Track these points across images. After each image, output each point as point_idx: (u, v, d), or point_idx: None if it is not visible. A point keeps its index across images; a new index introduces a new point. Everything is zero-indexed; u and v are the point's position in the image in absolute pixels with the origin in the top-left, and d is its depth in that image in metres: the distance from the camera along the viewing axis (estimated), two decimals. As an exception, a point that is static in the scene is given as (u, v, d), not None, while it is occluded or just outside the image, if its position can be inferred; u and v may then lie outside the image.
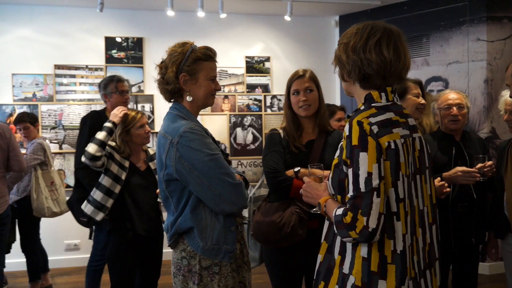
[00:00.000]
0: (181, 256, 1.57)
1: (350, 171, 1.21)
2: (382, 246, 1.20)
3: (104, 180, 2.37)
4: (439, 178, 2.08)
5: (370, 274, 1.20)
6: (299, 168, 1.89)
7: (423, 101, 2.22)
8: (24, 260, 3.56)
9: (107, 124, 2.42)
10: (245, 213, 2.19)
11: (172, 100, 1.66)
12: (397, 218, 1.21)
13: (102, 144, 2.34)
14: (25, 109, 4.30)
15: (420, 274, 1.28)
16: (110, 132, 2.39)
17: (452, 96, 2.34)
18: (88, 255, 3.06)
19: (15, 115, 4.11)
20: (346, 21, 4.83)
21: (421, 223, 1.30)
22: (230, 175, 1.53)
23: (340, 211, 1.22)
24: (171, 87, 1.58)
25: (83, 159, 2.36)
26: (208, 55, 1.63)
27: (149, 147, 2.64)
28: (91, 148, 2.32)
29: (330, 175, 1.34)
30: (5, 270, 3.13)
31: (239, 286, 1.63)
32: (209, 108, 4.60)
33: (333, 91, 4.92)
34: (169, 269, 1.92)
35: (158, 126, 3.30)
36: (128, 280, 2.41)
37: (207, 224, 1.53)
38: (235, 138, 4.80)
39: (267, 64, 4.88)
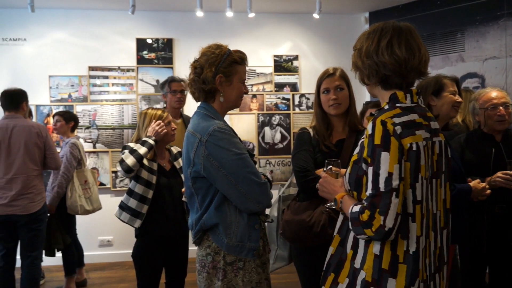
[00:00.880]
0: (205, 253, 1.60)
1: (370, 170, 1.22)
2: (395, 246, 1.22)
3: (137, 188, 2.38)
4: (478, 180, 2.02)
5: (380, 271, 1.22)
6: (330, 167, 1.87)
7: (459, 99, 2.15)
8: (60, 255, 3.70)
9: (150, 141, 2.40)
10: (269, 211, 2.20)
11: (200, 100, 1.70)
12: (412, 220, 1.23)
13: (140, 159, 2.34)
14: (61, 109, 4.46)
15: (430, 277, 1.29)
16: (150, 148, 2.39)
17: (495, 94, 2.25)
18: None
19: (51, 115, 4.27)
20: (376, 18, 4.73)
21: (434, 226, 1.31)
22: (256, 174, 1.56)
23: (356, 208, 1.23)
24: (208, 87, 1.60)
25: (118, 167, 2.36)
26: (242, 58, 1.69)
27: (171, 146, 2.64)
28: (130, 160, 2.31)
29: (348, 171, 1.35)
30: (42, 264, 3.26)
31: (266, 282, 1.65)
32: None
33: (363, 89, 4.82)
34: (195, 267, 1.94)
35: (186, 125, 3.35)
36: (153, 279, 2.45)
37: (231, 221, 1.56)
38: (263, 137, 4.81)
39: (295, 63, 4.85)
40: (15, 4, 4.27)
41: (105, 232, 4.57)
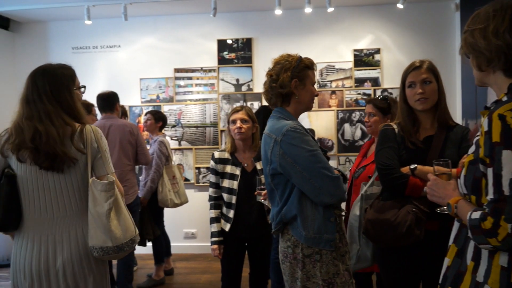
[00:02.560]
0: (286, 245, 1.73)
1: (489, 171, 1.08)
2: None
3: (223, 196, 2.54)
4: None
5: (510, 285, 1.06)
6: (415, 165, 1.77)
7: None
8: (150, 244, 3.99)
9: (215, 239, 2.54)
10: (351, 210, 2.13)
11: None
12: None
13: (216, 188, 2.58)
14: (150, 109, 4.80)
15: None
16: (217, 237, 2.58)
17: None
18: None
19: (142, 115, 4.62)
20: (469, 4, 4.33)
21: None
22: (328, 169, 1.65)
23: (476, 214, 1.09)
24: (285, 91, 1.75)
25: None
26: (312, 63, 1.83)
27: None
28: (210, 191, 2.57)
29: (463, 173, 1.22)
30: (135, 253, 3.54)
31: (346, 273, 1.69)
32: (316, 104, 4.57)
33: (453, 84, 4.48)
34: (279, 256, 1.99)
35: (266, 123, 3.40)
36: (234, 277, 2.53)
37: (308, 214, 1.67)
38: (342, 134, 4.69)
39: (377, 57, 4.65)
40: (110, 14, 4.68)
41: (189, 225, 4.83)
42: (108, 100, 3.39)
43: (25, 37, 5.01)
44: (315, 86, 1.86)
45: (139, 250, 3.94)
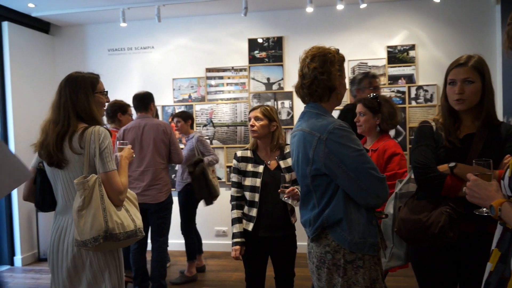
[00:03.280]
0: (324, 251, 1.62)
1: None
2: None
3: (245, 194, 2.52)
4: None
5: None
6: (454, 163, 1.69)
7: None
8: (183, 241, 4.06)
9: (237, 240, 2.50)
10: (385, 208, 2.08)
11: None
12: None
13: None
14: (183, 109, 4.89)
15: None
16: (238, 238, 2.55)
17: None
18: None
19: (170, 118, 4.71)
20: (510, -4, 4.14)
21: None
22: (376, 170, 1.57)
23: None
24: (332, 84, 1.66)
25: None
26: (344, 58, 1.76)
27: (287, 144, 2.59)
28: (232, 191, 2.55)
29: (507, 174, 1.17)
30: (168, 249, 3.62)
31: (381, 277, 1.63)
32: (347, 102, 4.50)
33: (493, 80, 4.27)
34: (304, 262, 1.94)
35: (297, 122, 3.37)
36: (257, 276, 2.51)
37: (353, 218, 1.58)
38: (375, 133, 4.59)
39: (411, 53, 4.53)
40: (144, 16, 4.80)
41: (220, 223, 4.89)
42: (143, 100, 3.48)
43: (64, 40, 5.22)
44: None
45: (172, 246, 4.03)
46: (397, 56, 4.55)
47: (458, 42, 4.41)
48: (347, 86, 3.98)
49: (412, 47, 4.52)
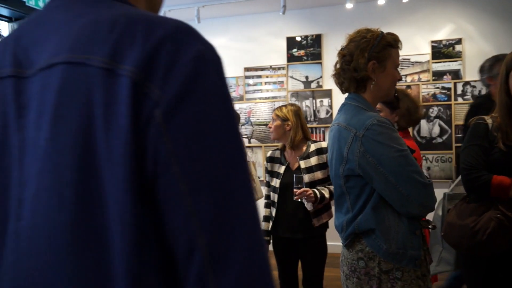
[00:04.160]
0: (357, 257, 1.43)
1: None
2: None
3: (265, 190, 2.55)
4: None
5: None
6: None
7: None
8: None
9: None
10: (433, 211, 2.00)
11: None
12: None
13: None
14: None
15: None
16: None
17: None
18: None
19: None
20: None
21: None
22: (420, 174, 1.35)
23: None
24: (360, 75, 1.45)
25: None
26: (396, 41, 1.52)
27: (315, 141, 2.49)
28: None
29: None
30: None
31: None
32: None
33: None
34: (334, 261, 1.89)
35: (336, 120, 3.33)
36: (286, 276, 2.49)
37: (390, 225, 1.38)
38: (418, 131, 4.43)
39: (457, 47, 4.32)
40: (184, 17, 4.90)
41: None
42: None
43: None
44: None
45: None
46: (442, 51, 4.36)
47: (509, 34, 4.15)
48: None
49: (459, 41, 4.31)
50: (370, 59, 1.44)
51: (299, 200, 2.22)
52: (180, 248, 0.45)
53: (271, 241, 2.52)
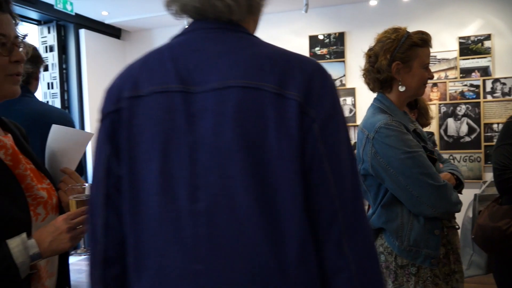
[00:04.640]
0: (379, 251, 1.48)
1: None
2: None
3: None
4: None
5: None
6: None
7: None
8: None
9: None
10: (464, 212, 1.95)
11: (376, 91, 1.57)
12: None
13: None
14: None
15: None
16: None
17: None
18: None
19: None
20: None
21: None
22: (430, 176, 1.36)
23: None
24: (383, 76, 1.47)
25: None
26: (425, 40, 1.51)
27: None
28: None
29: None
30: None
31: None
32: (415, 98, 4.30)
33: None
34: None
35: (359, 120, 3.26)
36: None
37: (403, 223, 1.40)
38: (445, 130, 4.33)
39: (486, 43, 4.19)
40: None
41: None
42: None
43: (134, 44, 5.53)
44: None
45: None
46: (470, 47, 4.24)
47: (542, 30, 4.01)
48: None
49: (488, 37, 4.19)
50: (394, 60, 1.45)
51: None
52: (323, 220, 0.66)
53: None
